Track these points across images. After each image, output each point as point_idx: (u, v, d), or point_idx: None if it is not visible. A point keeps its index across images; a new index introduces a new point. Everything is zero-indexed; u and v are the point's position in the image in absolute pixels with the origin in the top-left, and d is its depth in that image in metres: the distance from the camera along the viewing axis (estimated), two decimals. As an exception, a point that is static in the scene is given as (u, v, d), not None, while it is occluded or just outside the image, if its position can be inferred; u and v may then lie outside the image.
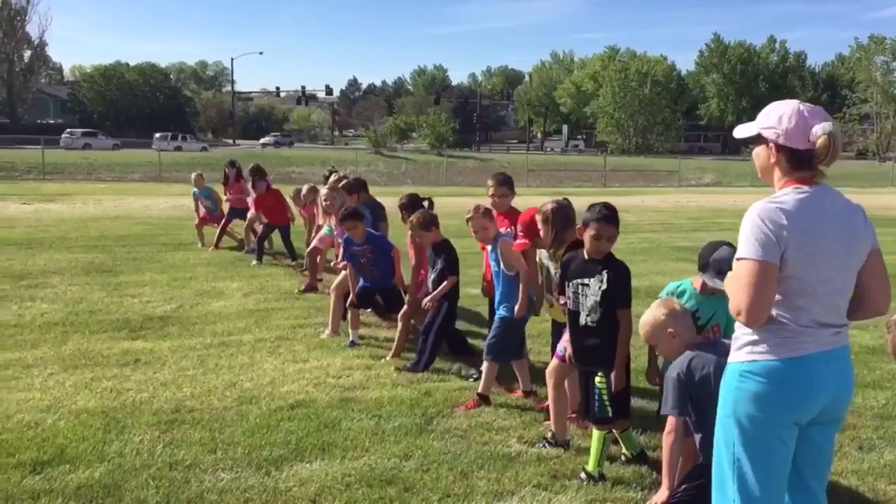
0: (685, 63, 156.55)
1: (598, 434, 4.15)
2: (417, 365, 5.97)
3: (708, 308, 4.02)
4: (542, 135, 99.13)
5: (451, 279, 5.99)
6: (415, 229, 6.17)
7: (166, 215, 18.37)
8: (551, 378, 4.56)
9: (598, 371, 4.16)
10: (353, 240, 6.81)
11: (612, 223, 4.10)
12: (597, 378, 4.17)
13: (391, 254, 6.89)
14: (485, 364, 5.30)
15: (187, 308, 8.28)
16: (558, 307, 4.80)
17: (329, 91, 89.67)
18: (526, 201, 5.25)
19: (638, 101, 77.97)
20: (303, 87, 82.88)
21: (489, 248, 5.46)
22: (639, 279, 5.26)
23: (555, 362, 4.58)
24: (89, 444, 4.46)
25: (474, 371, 5.84)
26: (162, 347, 6.65)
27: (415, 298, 6.43)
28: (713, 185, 43.82)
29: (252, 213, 11.82)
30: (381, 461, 4.29)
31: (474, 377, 5.72)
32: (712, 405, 2.80)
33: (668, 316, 3.56)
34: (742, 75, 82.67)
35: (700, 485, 3.19)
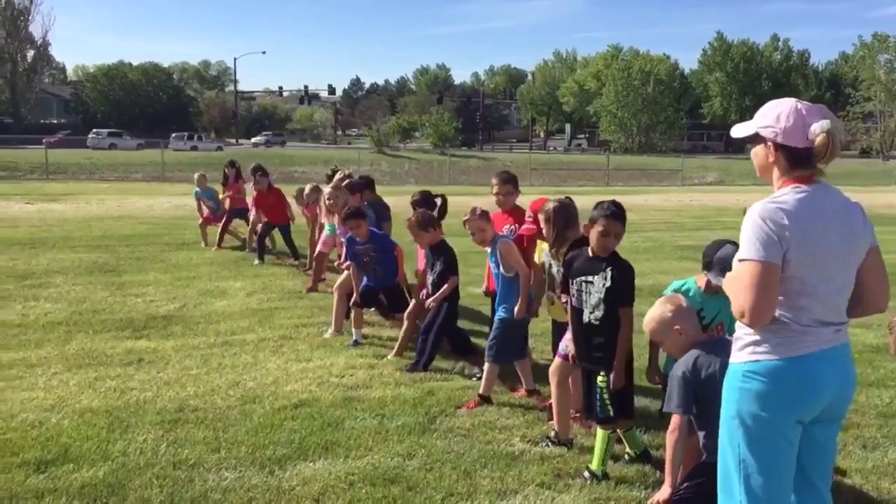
0: (688, 62, 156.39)
1: (601, 433, 4.16)
2: (417, 365, 5.97)
3: (712, 307, 4.00)
4: (545, 134, 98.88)
5: (453, 279, 5.99)
6: (412, 229, 6.14)
7: (169, 215, 18.38)
8: (554, 377, 4.55)
9: (601, 370, 4.16)
10: (357, 239, 6.82)
11: (620, 220, 4.12)
12: (598, 377, 4.16)
13: (394, 253, 6.90)
14: (486, 365, 5.31)
15: (191, 307, 8.29)
16: (559, 305, 4.80)
17: (332, 90, 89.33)
18: (529, 200, 5.24)
19: (641, 99, 77.82)
20: (305, 87, 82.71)
21: (488, 249, 5.46)
22: (642, 278, 5.25)
23: (558, 361, 4.58)
24: (93, 443, 4.47)
25: (477, 370, 5.83)
26: (165, 347, 6.66)
27: (420, 298, 6.42)
28: (716, 184, 43.80)
29: (254, 215, 11.82)
30: (385, 460, 4.30)
31: (477, 376, 5.72)
32: (717, 403, 2.79)
33: (675, 312, 3.56)
34: (745, 74, 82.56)
35: (702, 482, 3.19)
